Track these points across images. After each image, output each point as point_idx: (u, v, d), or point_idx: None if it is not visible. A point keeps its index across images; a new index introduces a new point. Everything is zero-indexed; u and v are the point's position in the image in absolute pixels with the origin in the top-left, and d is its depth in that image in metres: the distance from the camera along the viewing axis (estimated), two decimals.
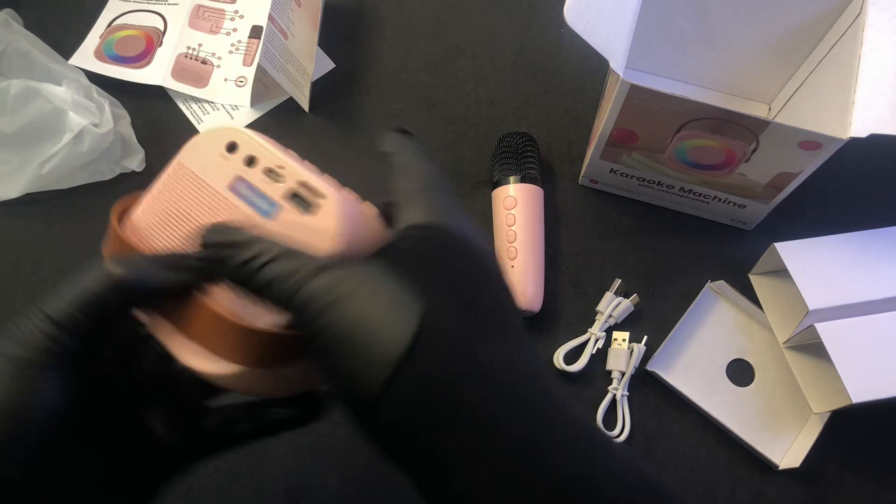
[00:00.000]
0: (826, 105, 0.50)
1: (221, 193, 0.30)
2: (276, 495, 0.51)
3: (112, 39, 0.66)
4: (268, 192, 0.30)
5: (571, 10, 0.44)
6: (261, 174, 0.30)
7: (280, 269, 0.26)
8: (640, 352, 0.54)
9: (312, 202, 0.29)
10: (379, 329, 0.24)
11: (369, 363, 0.24)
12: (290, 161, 0.30)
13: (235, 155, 0.30)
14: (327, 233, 0.29)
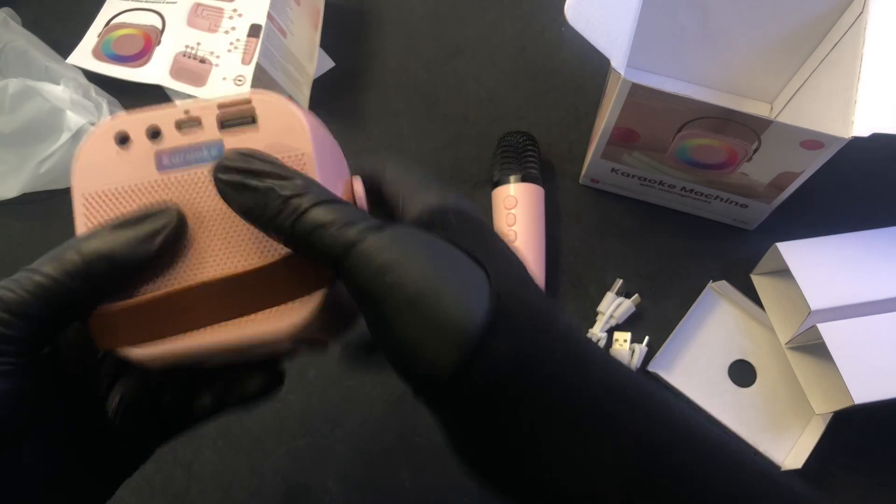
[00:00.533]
0: (828, 104, 0.50)
1: (156, 181, 0.27)
2: (275, 497, 0.51)
3: (110, 38, 0.65)
4: (199, 140, 0.27)
5: (572, 9, 0.44)
6: (175, 134, 0.27)
7: (331, 215, 0.24)
8: (641, 352, 0.54)
9: (246, 114, 0.27)
10: (455, 297, 0.23)
11: (447, 333, 0.23)
12: (189, 102, 0.27)
13: (133, 142, 0.27)
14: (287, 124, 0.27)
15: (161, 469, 0.51)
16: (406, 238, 0.24)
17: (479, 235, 0.27)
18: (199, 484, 0.51)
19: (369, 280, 0.23)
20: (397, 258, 0.23)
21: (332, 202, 0.24)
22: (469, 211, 0.28)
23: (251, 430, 0.53)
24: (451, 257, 0.25)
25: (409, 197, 0.29)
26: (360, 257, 0.23)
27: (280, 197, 0.24)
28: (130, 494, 0.51)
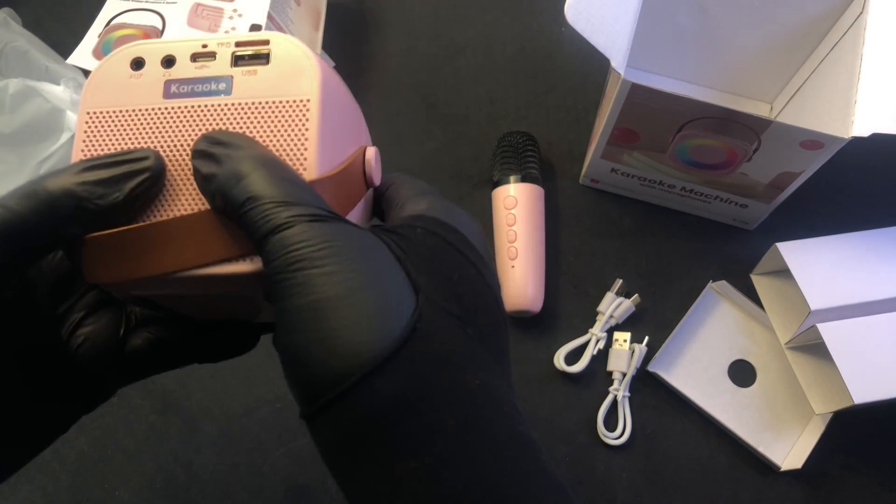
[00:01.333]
0: (828, 104, 0.50)
1: (161, 107, 0.27)
2: (275, 497, 0.51)
3: (110, 38, 0.65)
4: (209, 73, 0.27)
5: (572, 9, 0.44)
6: (188, 64, 0.27)
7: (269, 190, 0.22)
8: (641, 352, 0.54)
9: (261, 52, 0.27)
10: (370, 314, 0.21)
11: (353, 344, 0.21)
12: (207, 35, 0.27)
13: (147, 67, 0.27)
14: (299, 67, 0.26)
15: (161, 469, 0.51)
16: (340, 237, 0.22)
17: (439, 254, 0.25)
18: (199, 484, 0.51)
19: (280, 271, 0.21)
20: (318, 255, 0.21)
21: (281, 176, 0.23)
22: (456, 226, 0.26)
23: (251, 430, 0.53)
24: (382, 273, 0.22)
25: (405, 201, 0.28)
26: (279, 245, 0.21)
27: (231, 161, 0.23)
28: (130, 494, 0.51)
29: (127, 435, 0.52)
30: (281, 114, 0.26)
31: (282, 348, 0.22)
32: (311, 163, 0.26)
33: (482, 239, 0.28)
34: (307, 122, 0.26)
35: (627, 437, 0.52)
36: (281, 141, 0.26)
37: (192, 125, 0.26)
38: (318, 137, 0.26)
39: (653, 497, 0.51)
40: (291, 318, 0.21)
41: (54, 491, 0.51)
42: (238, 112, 0.26)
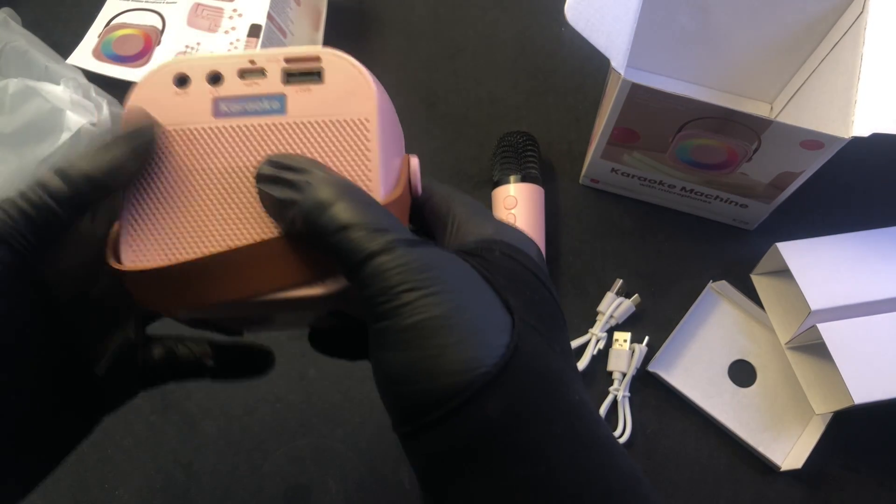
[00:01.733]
0: (828, 104, 0.50)
1: (212, 127, 0.26)
2: (275, 497, 0.51)
3: (110, 38, 0.65)
4: (261, 91, 0.26)
5: (572, 9, 0.44)
6: (237, 81, 0.26)
7: (361, 216, 0.22)
8: (641, 352, 0.54)
9: (313, 69, 0.26)
10: (476, 332, 0.22)
11: (443, 373, 0.21)
12: (255, 51, 0.26)
13: (192, 84, 0.26)
14: (355, 86, 0.26)
15: (161, 469, 0.51)
16: (436, 260, 0.23)
17: (520, 277, 0.25)
18: (199, 484, 0.51)
19: (381, 294, 0.22)
20: (420, 278, 0.22)
21: (365, 202, 0.23)
22: (521, 248, 0.27)
23: (251, 430, 0.53)
24: (480, 293, 0.23)
25: (465, 222, 0.28)
26: (378, 269, 0.22)
27: (311, 187, 0.23)
28: (130, 494, 0.51)
29: (127, 435, 0.52)
30: (340, 134, 0.26)
31: (383, 366, 0.23)
32: (375, 185, 0.25)
33: (543, 258, 0.28)
34: (368, 143, 0.26)
35: (627, 437, 0.52)
36: (342, 162, 0.26)
37: (246, 146, 0.26)
38: (380, 159, 0.26)
39: None
40: (395, 338, 0.22)
41: (54, 491, 0.51)
42: (294, 132, 0.26)
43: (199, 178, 0.26)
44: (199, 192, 0.26)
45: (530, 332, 0.23)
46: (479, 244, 0.26)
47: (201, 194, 0.26)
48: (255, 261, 0.25)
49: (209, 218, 0.26)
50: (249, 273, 0.25)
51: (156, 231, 0.26)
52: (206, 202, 0.26)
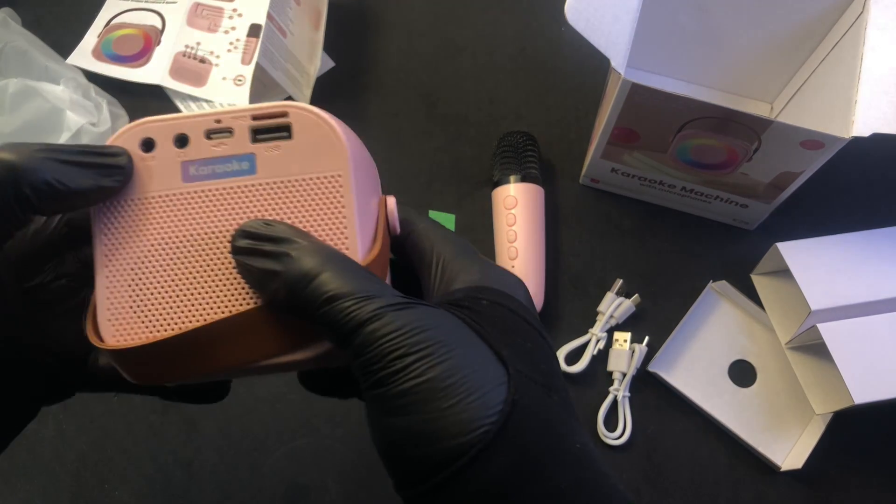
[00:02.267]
0: (828, 104, 0.50)
1: (182, 192, 0.25)
2: (275, 497, 0.51)
3: (110, 38, 0.65)
4: (230, 151, 0.25)
5: (572, 9, 0.44)
6: (204, 143, 0.25)
7: (348, 285, 0.22)
8: (641, 352, 0.54)
9: (281, 126, 0.25)
10: (473, 391, 0.22)
11: (463, 423, 0.21)
12: (220, 111, 0.26)
13: (158, 148, 0.25)
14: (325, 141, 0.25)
15: (161, 469, 0.51)
16: (426, 321, 0.22)
17: (511, 325, 0.25)
18: (199, 484, 0.51)
19: (376, 362, 0.22)
20: (412, 342, 0.22)
21: (350, 270, 0.23)
22: (509, 292, 0.27)
23: (251, 430, 0.53)
24: (473, 350, 0.23)
25: (450, 263, 0.28)
26: (370, 338, 0.22)
27: (292, 259, 0.23)
28: (130, 494, 0.51)
29: (127, 435, 0.52)
30: (313, 192, 0.25)
31: (382, 431, 0.23)
32: (352, 242, 0.25)
33: (531, 299, 0.28)
34: (342, 199, 0.25)
35: (628, 438, 0.52)
36: (317, 221, 0.25)
37: (218, 209, 0.25)
38: (356, 215, 0.25)
39: (653, 497, 0.51)
40: (393, 404, 0.22)
41: (54, 491, 0.51)
42: (266, 192, 0.25)
43: (173, 247, 0.25)
44: (175, 262, 0.25)
45: (527, 383, 0.23)
46: (467, 293, 0.26)
47: (177, 263, 0.25)
48: (239, 331, 0.25)
49: (188, 289, 0.25)
50: (233, 344, 0.25)
51: (135, 305, 0.25)
52: (183, 272, 0.25)
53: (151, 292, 0.25)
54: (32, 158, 0.23)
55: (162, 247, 0.25)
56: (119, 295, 0.25)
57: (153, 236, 0.26)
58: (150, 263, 0.25)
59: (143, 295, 0.25)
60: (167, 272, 0.25)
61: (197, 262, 0.25)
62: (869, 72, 0.46)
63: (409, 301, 0.23)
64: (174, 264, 0.25)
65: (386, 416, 0.22)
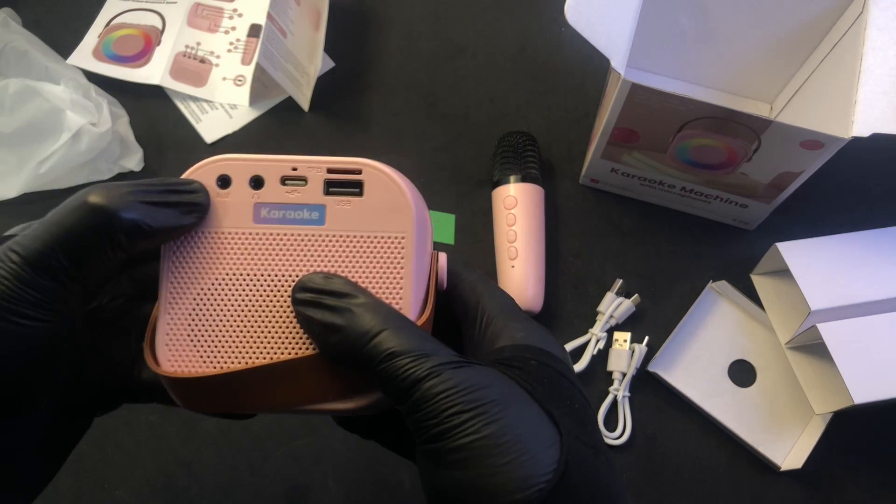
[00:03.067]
0: (828, 104, 0.50)
1: (252, 232, 0.26)
2: (275, 497, 0.51)
3: (110, 39, 0.65)
4: (302, 200, 0.27)
5: (572, 9, 0.44)
6: (278, 188, 0.27)
7: (406, 343, 0.23)
8: (641, 352, 0.54)
9: (354, 181, 0.27)
10: (528, 450, 0.22)
11: (519, 480, 0.22)
12: (298, 158, 0.27)
13: (234, 186, 0.27)
14: (393, 202, 0.26)
15: (161, 469, 0.51)
16: (481, 380, 0.23)
17: (558, 387, 0.26)
18: (199, 484, 0.51)
19: (433, 417, 0.23)
20: (468, 399, 0.22)
21: (407, 328, 0.24)
22: (552, 351, 0.27)
23: (251, 430, 0.53)
24: (526, 410, 0.24)
25: (495, 319, 0.28)
26: (428, 395, 0.23)
27: (354, 315, 0.24)
28: (130, 494, 0.51)
29: (127, 435, 0.52)
30: (376, 250, 0.27)
31: (437, 484, 0.23)
32: (406, 301, 0.26)
33: (568, 356, 0.29)
34: (402, 260, 0.26)
35: (627, 437, 0.52)
36: (376, 277, 0.26)
37: (284, 253, 0.27)
38: (413, 276, 0.27)
39: (653, 497, 0.51)
40: (448, 459, 0.23)
41: (54, 491, 0.51)
42: (331, 244, 0.27)
43: (237, 284, 0.26)
44: (237, 299, 0.26)
45: (577, 444, 0.24)
46: (515, 352, 0.27)
47: (239, 301, 0.26)
48: (291, 375, 0.26)
49: (246, 327, 0.26)
50: (284, 387, 0.26)
51: (194, 336, 0.26)
52: (244, 310, 0.26)
53: (211, 325, 0.26)
54: (123, 202, 0.24)
55: (226, 282, 0.27)
56: (180, 323, 0.27)
57: (219, 271, 0.27)
58: (213, 297, 0.27)
59: (203, 327, 0.27)
60: (228, 308, 0.27)
61: (258, 302, 0.26)
62: (869, 72, 0.46)
63: (464, 360, 0.24)
64: (236, 301, 0.26)
65: (441, 470, 0.23)
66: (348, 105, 0.64)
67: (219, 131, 0.63)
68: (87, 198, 0.24)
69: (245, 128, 0.63)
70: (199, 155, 0.62)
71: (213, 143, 0.62)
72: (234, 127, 0.63)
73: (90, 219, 0.23)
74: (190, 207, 0.26)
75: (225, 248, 0.26)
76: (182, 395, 0.26)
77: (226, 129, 0.63)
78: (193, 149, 0.62)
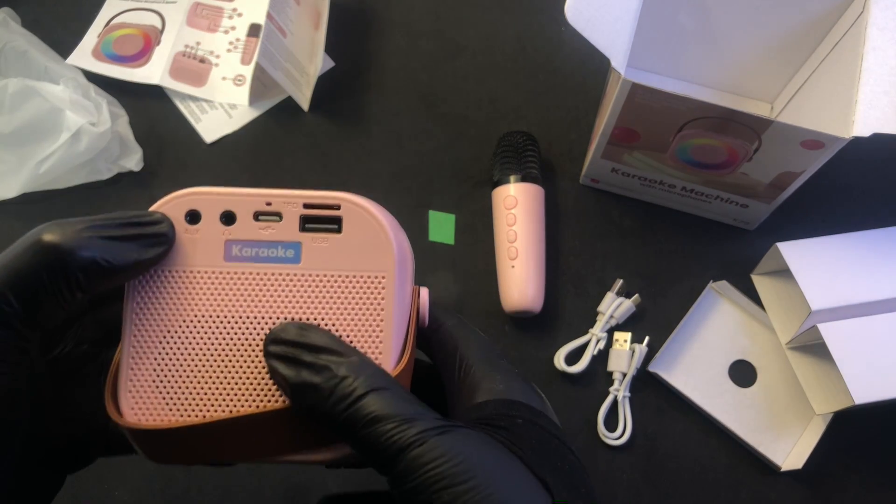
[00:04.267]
0: (829, 104, 0.50)
1: (222, 271, 0.25)
2: (275, 497, 0.51)
3: (110, 38, 0.65)
4: (276, 237, 0.25)
5: (572, 9, 0.44)
6: (251, 224, 0.25)
7: (390, 407, 0.22)
8: (641, 353, 0.54)
9: (332, 216, 0.25)
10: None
11: None
12: (272, 192, 0.25)
13: (203, 222, 0.25)
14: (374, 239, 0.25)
15: (161, 469, 0.51)
16: (469, 447, 0.22)
17: (548, 448, 0.25)
18: (199, 484, 0.51)
19: (422, 491, 0.21)
20: (458, 471, 0.21)
21: (390, 390, 0.23)
22: (535, 406, 0.27)
23: None
24: (517, 478, 0.23)
25: (472, 366, 0.27)
26: (415, 465, 0.21)
27: (335, 377, 0.22)
28: (130, 494, 0.51)
29: None
30: (354, 290, 0.25)
31: None
32: (386, 347, 0.25)
33: (549, 407, 0.28)
34: (382, 301, 0.25)
35: (628, 438, 0.52)
36: (353, 319, 0.25)
37: (257, 294, 0.25)
38: (393, 318, 0.25)
39: (653, 497, 0.51)
40: None
41: None
42: (307, 284, 0.25)
43: (205, 327, 0.25)
44: (206, 343, 0.25)
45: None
46: (497, 410, 0.25)
47: (207, 345, 0.25)
48: (262, 428, 0.24)
49: (215, 374, 0.25)
50: (258, 438, 0.24)
51: (159, 383, 0.25)
52: (213, 355, 0.25)
53: (177, 372, 0.25)
54: (79, 239, 0.22)
55: (194, 325, 0.25)
56: (144, 369, 0.25)
57: (187, 313, 0.25)
58: (180, 341, 0.25)
59: (169, 373, 0.25)
60: (196, 353, 0.25)
61: (227, 346, 0.25)
62: (869, 72, 0.46)
63: (448, 424, 0.23)
64: (205, 346, 0.25)
65: None
66: (348, 105, 0.64)
67: (218, 131, 0.63)
68: (40, 236, 0.22)
69: (245, 128, 0.63)
70: (198, 155, 0.62)
71: (213, 142, 0.62)
72: (233, 127, 0.63)
73: (42, 258, 0.22)
74: (153, 240, 0.24)
75: (193, 288, 0.25)
76: (147, 448, 0.25)
77: (225, 128, 0.63)
78: (193, 149, 0.62)
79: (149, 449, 0.25)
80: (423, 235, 0.59)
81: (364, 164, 0.62)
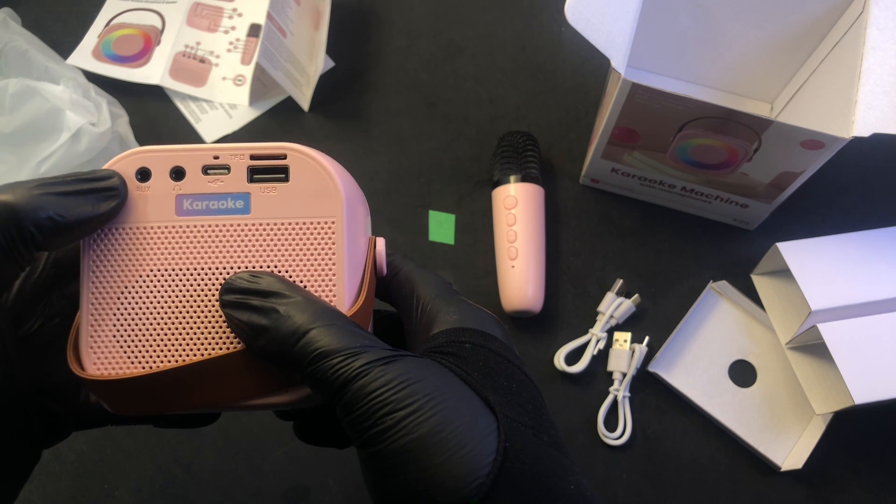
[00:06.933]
0: (829, 104, 0.50)
1: (174, 225, 0.25)
2: (275, 497, 0.51)
3: (110, 38, 0.65)
4: (225, 189, 0.26)
5: (572, 8, 0.44)
6: (200, 178, 0.26)
7: (336, 341, 0.22)
8: (641, 353, 0.54)
9: (278, 166, 0.26)
10: (464, 444, 0.22)
11: (457, 477, 0.21)
12: (219, 146, 0.26)
13: (154, 179, 0.26)
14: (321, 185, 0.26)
15: (161, 469, 0.51)
16: (413, 374, 0.23)
17: (495, 367, 0.25)
18: (199, 484, 0.51)
19: (366, 419, 0.22)
20: (399, 397, 0.22)
21: (336, 325, 0.23)
22: (488, 331, 0.27)
23: (251, 430, 0.53)
24: (461, 400, 0.23)
25: (429, 304, 0.28)
26: (359, 395, 0.22)
27: (280, 316, 0.23)
28: (130, 494, 0.51)
29: (127, 435, 0.52)
30: (305, 236, 0.26)
31: (378, 490, 0.23)
32: (340, 289, 0.26)
33: (509, 336, 0.28)
34: (333, 246, 0.26)
35: (628, 438, 0.52)
36: (306, 265, 0.26)
37: (209, 246, 0.26)
38: (345, 262, 0.26)
39: (653, 497, 0.51)
40: (388, 463, 0.22)
41: (54, 491, 0.51)
42: (258, 233, 0.26)
43: (161, 280, 0.25)
44: (162, 295, 0.25)
45: (516, 427, 0.23)
46: (448, 338, 0.26)
47: (164, 297, 0.25)
48: (223, 372, 0.25)
49: (173, 325, 0.25)
50: (217, 384, 0.25)
51: (118, 337, 0.25)
52: (169, 306, 0.25)
53: (136, 324, 0.25)
54: (30, 196, 0.23)
55: (150, 279, 0.26)
56: (103, 324, 0.25)
57: (142, 267, 0.26)
58: (137, 294, 0.25)
59: (128, 326, 0.25)
60: (153, 305, 0.25)
61: (183, 297, 0.25)
62: (869, 72, 0.46)
63: (394, 354, 0.23)
64: (161, 298, 0.25)
65: (380, 476, 0.23)
66: (348, 105, 0.64)
67: (218, 131, 0.63)
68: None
69: (245, 128, 0.63)
70: None
71: (213, 142, 0.62)
72: (233, 127, 0.63)
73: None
74: (105, 194, 0.25)
75: (148, 242, 0.25)
76: (110, 399, 0.25)
77: (225, 128, 0.63)
78: None
79: (113, 401, 0.25)
80: (423, 235, 0.59)
81: (364, 164, 0.62)
